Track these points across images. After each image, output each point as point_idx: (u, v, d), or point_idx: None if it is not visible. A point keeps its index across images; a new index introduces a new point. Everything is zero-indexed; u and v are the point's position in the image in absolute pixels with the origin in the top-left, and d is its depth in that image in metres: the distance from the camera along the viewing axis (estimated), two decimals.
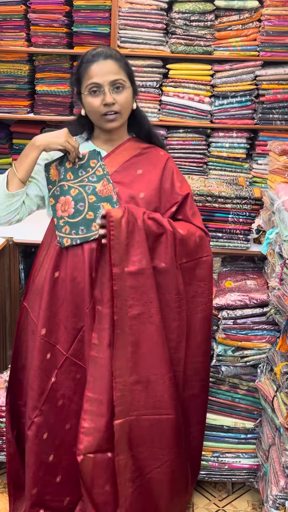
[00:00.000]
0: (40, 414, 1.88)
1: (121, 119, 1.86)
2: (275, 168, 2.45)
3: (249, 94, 3.19)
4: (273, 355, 2.21)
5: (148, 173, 1.92)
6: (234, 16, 3.07)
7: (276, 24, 3.05)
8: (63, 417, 1.91)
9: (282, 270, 2.03)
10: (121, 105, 1.83)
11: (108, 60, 1.81)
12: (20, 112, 3.29)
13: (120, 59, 1.85)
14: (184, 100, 3.20)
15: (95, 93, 1.81)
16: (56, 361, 1.89)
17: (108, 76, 1.80)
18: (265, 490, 2.17)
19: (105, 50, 1.84)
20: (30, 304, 1.96)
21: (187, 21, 3.09)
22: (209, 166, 3.32)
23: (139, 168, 1.92)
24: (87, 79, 1.82)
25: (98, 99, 1.81)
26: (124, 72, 1.83)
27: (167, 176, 1.94)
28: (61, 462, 1.94)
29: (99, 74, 1.80)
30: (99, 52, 1.83)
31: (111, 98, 1.80)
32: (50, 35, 3.16)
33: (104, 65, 1.80)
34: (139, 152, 1.95)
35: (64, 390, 1.90)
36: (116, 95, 1.81)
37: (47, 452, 1.92)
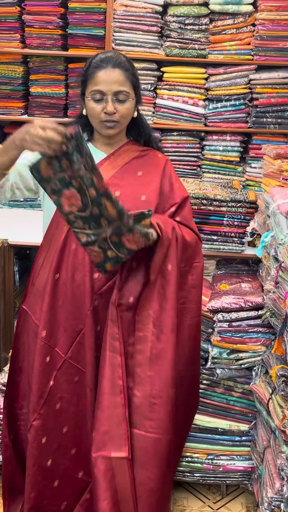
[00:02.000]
0: (39, 418, 1.87)
1: (119, 127, 1.88)
2: (269, 172, 2.47)
3: (243, 98, 3.20)
4: (268, 358, 2.22)
5: (148, 175, 1.93)
6: (228, 20, 3.09)
7: (270, 29, 3.07)
8: (60, 421, 1.90)
9: (277, 273, 2.04)
10: (121, 115, 1.85)
11: (116, 69, 1.82)
12: (14, 114, 3.28)
13: (128, 68, 1.85)
14: (178, 103, 3.21)
15: (98, 100, 1.82)
16: (55, 364, 1.88)
17: (113, 86, 1.81)
18: (259, 492, 2.17)
19: (115, 57, 1.84)
20: (30, 307, 1.95)
21: (181, 24, 3.09)
22: (203, 169, 3.33)
23: (139, 170, 1.93)
24: (93, 84, 1.82)
25: (100, 106, 1.83)
26: (129, 83, 1.84)
27: (166, 178, 1.95)
28: (59, 466, 1.93)
29: (105, 82, 1.81)
30: (108, 58, 1.83)
31: (112, 108, 1.81)
32: (45, 37, 3.15)
33: (111, 73, 1.81)
34: (138, 155, 1.96)
35: (61, 393, 1.89)
36: (118, 105, 1.83)
37: (45, 456, 1.91)
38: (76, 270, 1.84)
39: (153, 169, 1.95)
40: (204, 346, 2.34)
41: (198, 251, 1.97)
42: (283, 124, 3.21)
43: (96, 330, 1.87)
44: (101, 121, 1.85)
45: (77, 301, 1.85)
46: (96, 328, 1.87)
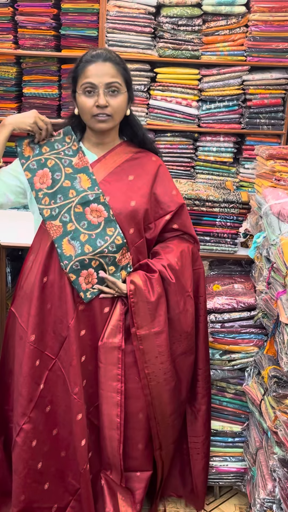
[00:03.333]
0: (29, 421, 1.87)
1: (112, 122, 1.85)
2: (262, 173, 2.46)
3: (236, 99, 3.20)
4: (260, 359, 2.21)
5: (140, 180, 1.91)
6: (221, 21, 3.09)
7: (263, 30, 3.07)
8: (50, 423, 1.90)
9: (269, 274, 2.04)
10: (114, 109, 1.82)
11: (107, 62, 1.81)
12: (7, 115, 3.26)
13: (119, 63, 1.84)
14: (171, 104, 3.21)
15: (89, 94, 1.80)
16: (45, 367, 1.87)
17: (105, 78, 1.79)
18: (252, 493, 2.17)
19: (105, 52, 1.84)
20: (18, 309, 1.95)
21: (174, 25, 3.09)
22: (196, 170, 3.33)
23: (130, 174, 1.91)
24: (83, 78, 1.81)
25: (91, 99, 1.81)
26: (121, 77, 1.83)
27: (159, 183, 1.93)
28: (49, 469, 1.92)
29: (96, 74, 1.79)
30: (99, 53, 1.83)
31: (104, 100, 1.79)
32: (38, 37, 3.15)
33: (102, 66, 1.80)
34: (130, 157, 1.93)
35: (51, 396, 1.89)
36: (110, 98, 1.81)
37: (35, 459, 1.90)
38: (64, 274, 1.83)
39: (145, 173, 1.92)
40: None
41: (196, 258, 2.00)
42: (276, 125, 3.22)
43: (79, 335, 1.87)
44: (93, 115, 1.82)
45: (63, 306, 1.85)
46: (79, 334, 1.86)
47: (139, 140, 1.98)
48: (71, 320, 1.83)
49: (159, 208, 1.93)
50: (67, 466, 1.92)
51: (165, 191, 1.94)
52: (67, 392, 1.87)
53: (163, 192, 1.94)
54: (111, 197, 1.86)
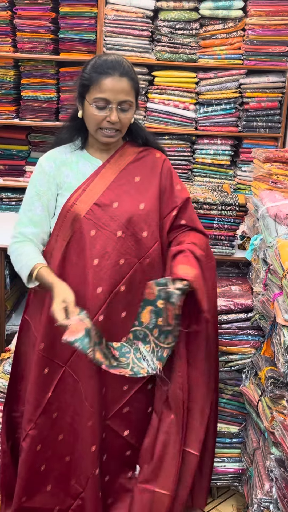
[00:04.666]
0: (35, 427, 1.87)
1: (119, 136, 1.84)
2: (259, 175, 2.48)
3: (233, 102, 3.22)
4: (257, 360, 2.23)
5: (146, 179, 1.88)
6: (218, 25, 3.11)
7: (260, 34, 3.10)
8: (56, 429, 1.90)
9: (266, 276, 2.06)
10: (122, 125, 1.80)
11: (124, 78, 1.74)
12: (5, 118, 3.28)
13: (133, 77, 1.79)
14: (169, 107, 3.23)
15: (101, 108, 1.76)
16: (54, 375, 1.86)
17: (120, 96, 1.74)
18: (249, 494, 2.18)
19: (122, 64, 1.76)
20: (31, 317, 1.95)
21: (172, 29, 3.12)
22: (194, 172, 3.35)
23: (137, 175, 1.88)
24: (97, 91, 1.74)
25: (102, 113, 1.76)
26: (134, 93, 1.79)
27: (165, 179, 1.90)
28: (52, 472, 1.93)
29: (111, 91, 1.73)
30: (115, 65, 1.75)
31: (116, 117, 1.76)
32: (36, 41, 3.17)
33: (119, 82, 1.74)
34: (134, 158, 1.90)
35: (59, 403, 1.88)
36: (121, 114, 1.77)
37: (39, 462, 1.91)
38: (80, 283, 1.80)
39: (151, 172, 1.89)
40: None
41: (211, 252, 1.95)
42: (273, 128, 3.24)
43: None
44: (101, 128, 1.79)
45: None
46: None
47: (142, 139, 1.94)
48: None
49: (165, 205, 1.90)
50: (71, 471, 1.92)
51: (171, 186, 1.91)
52: (78, 398, 1.86)
53: (170, 188, 1.91)
54: (120, 202, 1.83)
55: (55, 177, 1.87)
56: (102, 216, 1.82)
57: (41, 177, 1.87)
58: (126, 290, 1.84)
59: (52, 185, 1.87)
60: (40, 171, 1.88)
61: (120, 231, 1.82)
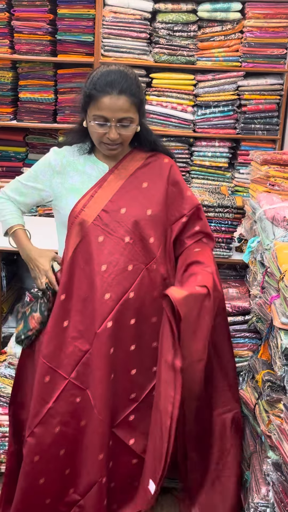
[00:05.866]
0: (32, 435, 1.84)
1: (121, 148, 1.84)
2: (256, 178, 2.48)
3: (231, 104, 3.22)
4: (254, 363, 2.22)
5: (154, 185, 1.88)
6: (216, 27, 3.11)
7: (258, 36, 3.10)
8: (58, 444, 1.87)
9: (263, 279, 2.05)
10: (124, 139, 1.80)
11: (122, 96, 1.72)
12: (3, 119, 3.28)
13: (134, 92, 1.74)
14: (167, 109, 3.23)
15: (101, 125, 1.76)
16: (56, 386, 1.84)
17: (118, 113, 1.73)
18: (246, 498, 2.17)
19: (121, 79, 1.73)
20: None
21: (170, 31, 3.11)
22: (192, 174, 3.34)
23: (144, 180, 1.88)
24: (96, 109, 1.74)
25: (102, 130, 1.76)
26: (135, 109, 1.76)
27: (172, 185, 1.90)
28: (52, 486, 1.90)
29: (109, 109, 1.72)
30: (114, 82, 1.72)
31: (116, 134, 1.76)
32: (34, 42, 3.16)
33: (117, 101, 1.72)
34: (142, 164, 1.90)
35: (61, 417, 1.85)
36: (122, 130, 1.77)
37: (38, 474, 1.87)
38: (89, 289, 1.80)
39: (158, 178, 1.89)
40: None
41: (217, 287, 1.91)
42: (271, 130, 3.24)
43: (109, 352, 1.82)
44: (102, 142, 1.80)
45: (86, 320, 1.82)
46: (109, 351, 1.82)
47: (150, 144, 1.93)
48: (93, 336, 1.80)
49: (175, 211, 1.90)
50: (71, 483, 1.91)
51: (179, 192, 1.91)
52: (85, 407, 1.84)
53: (178, 194, 1.91)
54: (127, 207, 1.83)
55: (58, 173, 1.89)
56: (110, 222, 1.82)
57: (45, 169, 1.92)
58: (135, 296, 1.84)
59: (51, 179, 1.90)
60: (46, 163, 1.92)
61: (128, 236, 1.82)
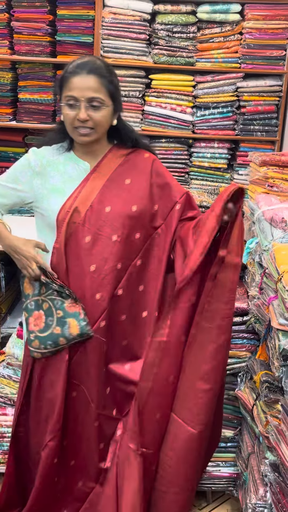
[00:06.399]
0: (54, 440, 1.87)
1: (94, 135, 1.82)
2: (255, 179, 2.48)
3: (230, 105, 3.22)
4: (252, 364, 2.22)
5: (137, 181, 1.88)
6: (216, 28, 3.11)
7: (257, 37, 3.10)
8: (63, 436, 1.90)
9: (262, 279, 2.05)
10: (95, 123, 1.79)
11: (91, 75, 1.75)
12: (2, 120, 3.28)
13: (105, 75, 1.78)
14: (166, 110, 3.23)
15: (72, 106, 1.77)
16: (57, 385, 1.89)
17: (87, 92, 1.75)
18: (244, 498, 2.17)
19: (91, 62, 1.78)
20: None
21: (169, 32, 3.12)
22: (191, 175, 3.34)
23: (127, 177, 1.88)
24: (67, 90, 1.77)
25: (73, 112, 1.77)
26: (105, 90, 1.77)
27: (156, 178, 1.90)
28: (61, 479, 1.94)
29: (78, 88, 1.75)
30: (84, 63, 1.77)
31: (85, 114, 1.76)
32: (33, 43, 3.16)
33: (86, 80, 1.75)
34: (123, 160, 1.90)
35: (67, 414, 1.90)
36: (92, 112, 1.77)
37: (54, 475, 1.92)
38: (75, 290, 1.83)
39: (140, 173, 1.89)
40: None
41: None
42: (270, 131, 3.24)
43: (103, 349, 1.85)
44: (75, 128, 1.80)
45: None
46: (103, 348, 1.85)
47: (131, 141, 1.93)
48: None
49: (167, 201, 1.90)
50: (77, 473, 1.94)
51: (166, 183, 1.91)
52: (82, 403, 1.88)
53: (166, 185, 1.90)
54: (112, 206, 1.83)
55: (38, 174, 1.88)
56: (96, 221, 1.83)
57: (24, 169, 1.89)
58: (124, 293, 1.85)
59: (33, 180, 1.88)
60: (25, 164, 1.90)
61: (115, 235, 1.82)
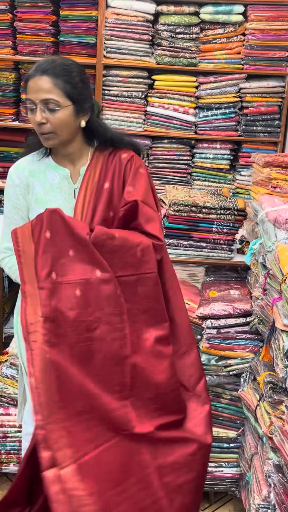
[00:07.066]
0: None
1: (57, 138, 1.77)
2: (258, 180, 2.49)
3: (233, 106, 3.23)
4: (256, 365, 2.22)
5: (113, 185, 1.83)
6: (219, 29, 3.12)
7: (260, 38, 3.10)
8: None
9: (265, 280, 2.06)
10: (54, 126, 1.73)
11: (44, 76, 1.70)
12: (5, 120, 3.28)
13: (59, 75, 1.70)
14: (169, 111, 3.23)
15: (32, 110, 1.74)
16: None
17: (39, 94, 1.70)
18: (247, 499, 2.18)
19: (47, 62, 1.72)
20: None
21: (172, 33, 3.12)
22: (193, 176, 3.35)
23: (106, 181, 1.83)
24: (26, 93, 1.74)
25: (33, 115, 1.74)
26: (59, 91, 1.70)
27: (126, 179, 1.83)
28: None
29: (32, 90, 1.71)
30: (38, 65, 1.73)
31: (40, 117, 1.71)
32: (37, 44, 3.17)
33: (38, 81, 1.70)
34: (103, 164, 1.85)
35: None
36: (49, 114, 1.72)
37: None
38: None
39: (117, 176, 1.84)
40: None
41: (147, 260, 1.68)
42: (273, 132, 3.24)
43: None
44: (39, 133, 1.76)
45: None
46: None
47: (111, 142, 1.87)
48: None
49: (118, 209, 1.81)
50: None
51: (124, 187, 1.82)
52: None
53: (123, 189, 1.83)
54: (96, 217, 1.79)
55: (26, 187, 1.86)
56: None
57: (12, 190, 1.87)
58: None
59: (25, 195, 1.87)
60: (11, 184, 1.88)
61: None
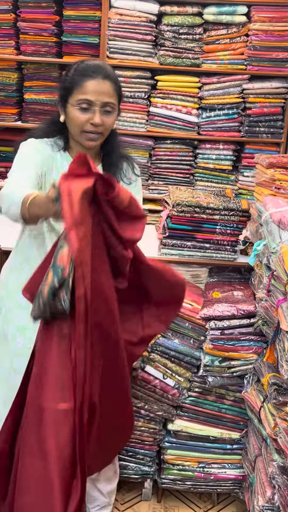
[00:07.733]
0: None
1: (101, 139, 1.86)
2: (262, 181, 2.48)
3: (236, 107, 3.23)
4: (260, 366, 2.22)
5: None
6: (222, 30, 3.12)
7: (263, 39, 3.10)
8: None
9: (269, 282, 2.05)
10: (106, 128, 1.82)
11: (107, 80, 1.78)
12: (7, 120, 3.28)
13: (116, 81, 1.83)
14: (172, 111, 3.23)
15: (84, 110, 1.78)
16: None
17: (103, 97, 1.77)
18: (251, 501, 2.17)
19: (104, 67, 1.80)
20: None
21: (176, 33, 3.12)
22: (196, 177, 3.34)
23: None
24: (80, 93, 1.77)
25: (85, 116, 1.78)
26: (116, 96, 1.82)
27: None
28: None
29: (94, 92, 1.76)
30: (98, 68, 1.79)
31: (99, 119, 1.78)
32: (39, 44, 3.17)
33: (102, 84, 1.77)
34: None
35: None
36: (104, 117, 1.80)
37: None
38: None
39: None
40: (196, 353, 2.34)
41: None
42: (276, 133, 3.24)
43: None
44: (84, 131, 1.81)
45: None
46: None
47: (120, 150, 1.95)
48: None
49: None
50: None
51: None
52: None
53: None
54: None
55: (46, 160, 1.83)
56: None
57: (33, 151, 1.82)
58: None
59: (43, 166, 1.81)
60: (33, 150, 1.83)
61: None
